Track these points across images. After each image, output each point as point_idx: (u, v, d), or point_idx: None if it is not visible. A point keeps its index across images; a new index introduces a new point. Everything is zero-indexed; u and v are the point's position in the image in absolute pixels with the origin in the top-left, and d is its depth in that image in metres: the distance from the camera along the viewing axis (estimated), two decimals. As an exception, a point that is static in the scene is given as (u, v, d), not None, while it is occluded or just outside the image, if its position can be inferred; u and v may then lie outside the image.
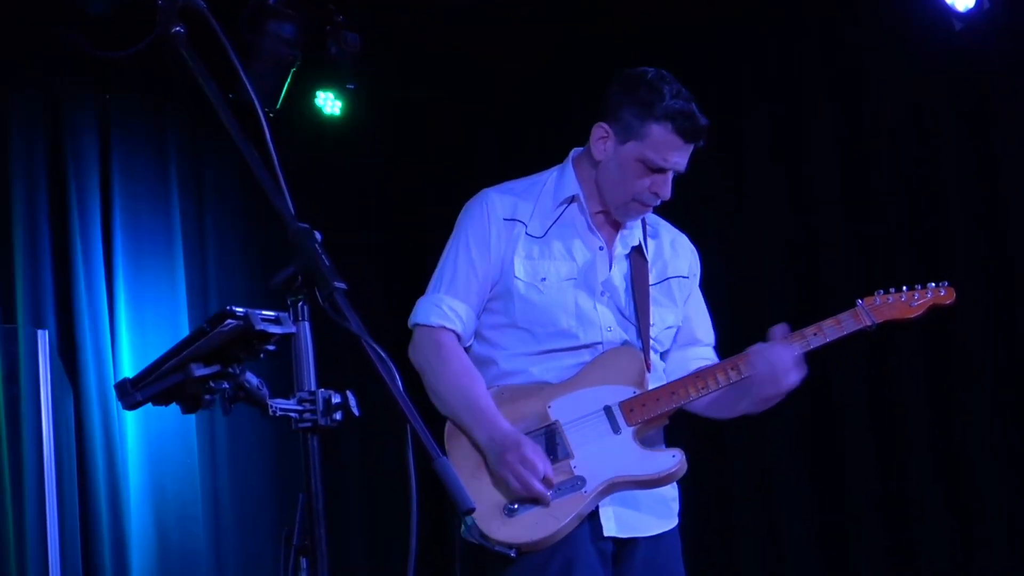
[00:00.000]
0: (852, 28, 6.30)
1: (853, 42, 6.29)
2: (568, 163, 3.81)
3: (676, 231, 3.95)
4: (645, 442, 3.62)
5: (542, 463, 3.50)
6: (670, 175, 3.66)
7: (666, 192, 3.68)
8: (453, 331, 3.66)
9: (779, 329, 3.68)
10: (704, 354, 3.89)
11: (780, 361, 3.60)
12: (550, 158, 3.89)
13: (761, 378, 3.62)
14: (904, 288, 3.80)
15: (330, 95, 6.70)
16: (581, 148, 3.79)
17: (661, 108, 3.60)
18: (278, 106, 6.16)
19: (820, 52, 6.39)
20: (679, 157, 3.65)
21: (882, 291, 3.78)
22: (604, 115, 3.70)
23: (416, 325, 3.71)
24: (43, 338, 5.12)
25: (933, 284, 3.82)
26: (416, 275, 3.96)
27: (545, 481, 3.48)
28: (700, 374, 3.68)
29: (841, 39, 6.33)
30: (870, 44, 6.23)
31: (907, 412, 6.04)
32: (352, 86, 6.58)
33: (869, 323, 3.71)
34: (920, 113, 6.11)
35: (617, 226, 3.77)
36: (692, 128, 3.62)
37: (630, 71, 3.71)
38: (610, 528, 3.58)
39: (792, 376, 3.62)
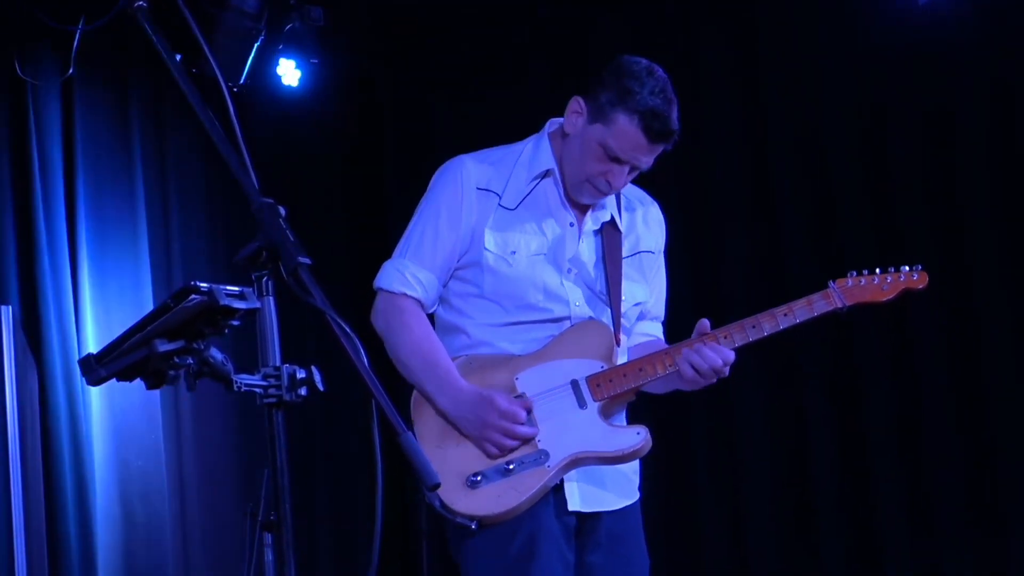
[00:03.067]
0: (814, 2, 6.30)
1: (817, 17, 6.29)
2: (544, 134, 3.76)
3: (650, 202, 3.91)
4: (610, 418, 3.61)
5: (518, 406, 3.52)
6: (627, 168, 3.62)
7: (619, 183, 3.64)
8: (415, 298, 3.65)
9: (704, 324, 3.64)
10: (650, 329, 3.86)
11: (716, 363, 3.56)
12: (512, 132, 3.86)
13: (698, 379, 3.60)
14: (877, 270, 3.73)
15: (291, 66, 6.64)
16: (560, 119, 3.74)
17: (634, 100, 3.54)
18: (242, 80, 6.13)
19: (779, 26, 6.37)
20: (639, 153, 3.59)
21: (854, 272, 3.72)
22: (586, 91, 3.66)
23: (379, 289, 3.69)
24: (6, 314, 5.07)
25: (907, 268, 3.75)
26: (380, 249, 3.94)
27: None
28: (669, 351, 3.65)
29: (803, 14, 6.32)
30: (832, 19, 6.22)
31: (871, 392, 6.06)
32: (315, 60, 6.54)
33: (840, 305, 3.65)
34: (884, 91, 6.12)
35: None
36: (658, 129, 3.55)
37: (627, 57, 3.66)
38: (574, 503, 3.59)
39: (726, 372, 3.60)
